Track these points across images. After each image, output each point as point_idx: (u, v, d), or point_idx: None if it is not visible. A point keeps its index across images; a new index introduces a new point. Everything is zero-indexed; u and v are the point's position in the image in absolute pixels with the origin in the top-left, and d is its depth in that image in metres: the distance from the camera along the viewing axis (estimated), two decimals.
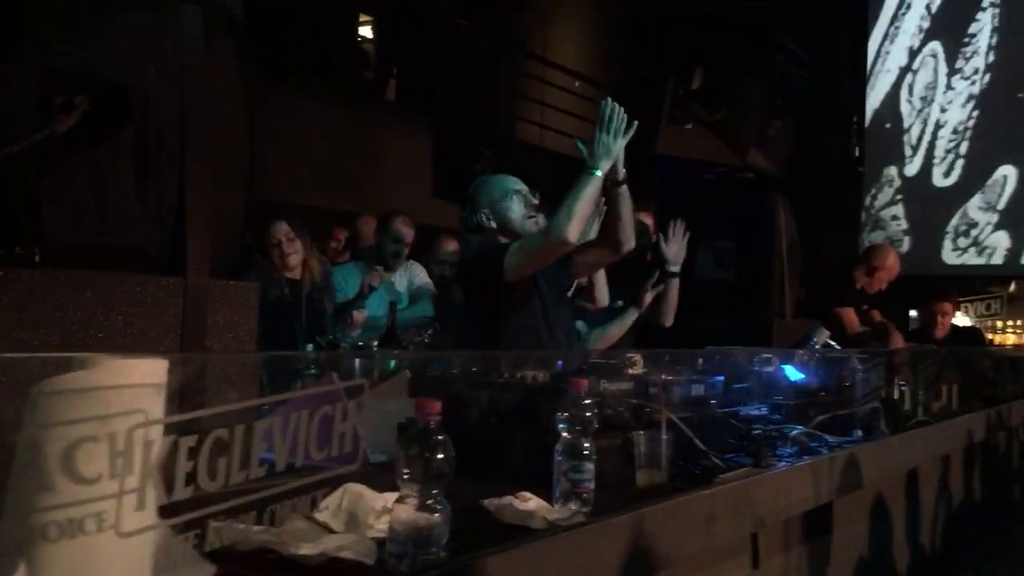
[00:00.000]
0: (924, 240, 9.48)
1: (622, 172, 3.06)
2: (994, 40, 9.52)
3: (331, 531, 1.36)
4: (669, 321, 3.87)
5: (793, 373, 3.06)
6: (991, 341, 10.40)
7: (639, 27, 10.20)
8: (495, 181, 3.32)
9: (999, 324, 11.82)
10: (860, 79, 9.83)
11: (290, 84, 7.24)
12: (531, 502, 1.64)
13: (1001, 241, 9.33)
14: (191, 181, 1.83)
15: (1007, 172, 9.34)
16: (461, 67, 9.50)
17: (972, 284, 11.22)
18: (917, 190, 9.72)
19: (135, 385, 1.04)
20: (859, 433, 2.87)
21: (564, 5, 11.27)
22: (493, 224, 3.23)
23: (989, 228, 9.39)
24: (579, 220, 2.93)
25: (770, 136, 9.92)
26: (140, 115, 1.80)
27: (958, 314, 10.04)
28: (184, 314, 1.81)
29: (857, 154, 9.92)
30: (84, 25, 1.85)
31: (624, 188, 3.10)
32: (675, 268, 4.13)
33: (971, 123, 9.55)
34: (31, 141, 1.63)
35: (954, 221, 9.49)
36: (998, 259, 9.33)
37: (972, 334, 6.74)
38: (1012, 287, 11.73)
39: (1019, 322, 12.02)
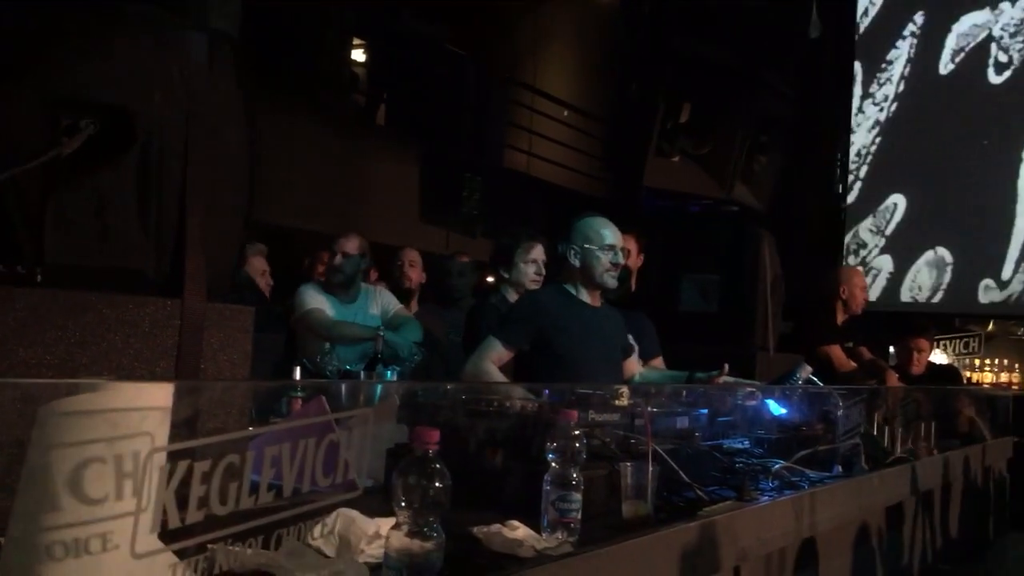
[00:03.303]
0: None
1: None
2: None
3: (324, 555, 1.38)
4: None
5: (775, 407, 3.10)
6: (969, 379, 10.48)
7: (629, 60, 10.33)
8: (599, 225, 3.26)
9: (977, 363, 11.92)
10: (846, 116, 9.99)
11: (280, 106, 7.28)
12: (519, 531, 1.67)
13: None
14: (191, 205, 1.85)
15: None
16: (451, 94, 9.58)
17: (951, 322, 11.35)
18: None
19: (142, 408, 1.06)
20: (839, 468, 2.91)
21: (556, 36, 11.39)
22: (576, 263, 3.24)
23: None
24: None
25: (755, 171, 10.06)
26: (144, 139, 1.82)
27: (936, 351, 10.14)
28: (180, 336, 1.83)
29: (840, 190, 10.07)
30: (91, 50, 1.88)
31: None
32: None
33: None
34: (37, 163, 1.65)
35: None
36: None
37: (949, 372, 6.79)
38: (991, 326, 11.86)
39: (996, 361, 12.12)
